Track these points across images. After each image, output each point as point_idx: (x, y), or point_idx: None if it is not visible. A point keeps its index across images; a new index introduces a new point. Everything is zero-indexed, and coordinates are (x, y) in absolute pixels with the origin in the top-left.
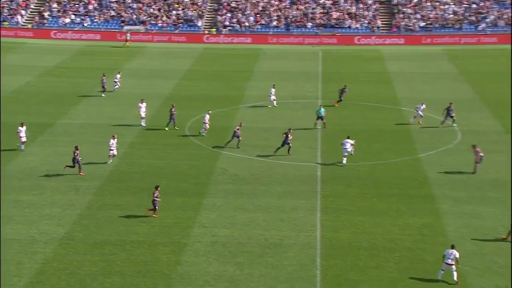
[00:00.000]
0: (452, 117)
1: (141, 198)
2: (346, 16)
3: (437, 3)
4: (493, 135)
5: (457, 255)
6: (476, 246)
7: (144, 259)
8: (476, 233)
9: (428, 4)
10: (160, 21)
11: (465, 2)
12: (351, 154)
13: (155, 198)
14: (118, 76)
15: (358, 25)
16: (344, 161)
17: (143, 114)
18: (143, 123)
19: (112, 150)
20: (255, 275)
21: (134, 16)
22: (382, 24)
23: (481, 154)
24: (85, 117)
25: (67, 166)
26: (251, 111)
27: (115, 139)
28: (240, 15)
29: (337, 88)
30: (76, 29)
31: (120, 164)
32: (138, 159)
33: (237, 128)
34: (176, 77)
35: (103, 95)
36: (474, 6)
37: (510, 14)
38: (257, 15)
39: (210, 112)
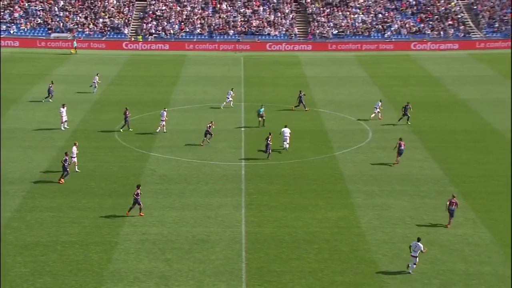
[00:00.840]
0: (407, 115)
1: (73, 200)
2: (266, 24)
3: (348, 13)
4: (400, 134)
5: (422, 248)
6: (386, 236)
7: (76, 259)
8: (386, 224)
9: (340, 13)
10: (87, 29)
11: (372, 12)
12: (286, 148)
13: (136, 196)
14: (97, 78)
15: (276, 33)
16: (286, 145)
17: (64, 119)
18: (63, 127)
19: (73, 157)
20: (183, 270)
21: (61, 24)
22: (298, 31)
23: (403, 148)
24: (15, 122)
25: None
26: (178, 114)
27: (76, 146)
28: (165, 23)
29: (258, 91)
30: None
31: (51, 167)
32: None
33: (208, 125)
34: (104, 83)
35: (50, 100)
36: (380, 15)
37: (411, 24)
38: (181, 23)
39: (166, 109)
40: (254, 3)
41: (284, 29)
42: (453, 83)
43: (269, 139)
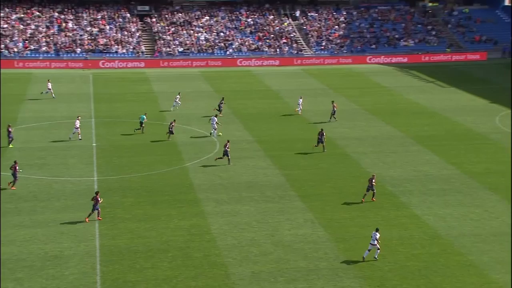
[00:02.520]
0: (334, 116)
1: None
2: (113, 42)
3: (192, 31)
4: (244, 144)
5: (378, 236)
6: (235, 240)
7: None
8: (235, 229)
9: (184, 32)
10: None
11: (215, 31)
12: (219, 135)
13: (97, 203)
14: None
15: (124, 50)
16: (214, 134)
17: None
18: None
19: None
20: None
21: None
22: (146, 49)
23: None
24: None
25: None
26: (25, 132)
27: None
28: (7, 41)
29: (108, 107)
30: None
31: None
32: None
33: (171, 123)
34: None
35: None
36: (222, 34)
37: (250, 41)
38: (26, 41)
39: (79, 117)
40: (100, 22)
41: (131, 47)
42: (290, 96)
43: (227, 146)
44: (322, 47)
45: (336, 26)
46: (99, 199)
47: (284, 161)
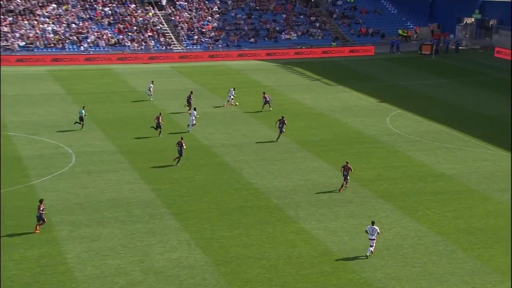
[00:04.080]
0: (270, 107)
1: None
2: None
3: (35, 22)
4: (106, 155)
5: (378, 230)
6: (97, 269)
7: None
8: (96, 256)
9: (26, 22)
10: None
11: (64, 22)
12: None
13: (41, 212)
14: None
15: None
16: (190, 130)
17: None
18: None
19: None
20: None
21: None
22: None
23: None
24: None
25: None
26: None
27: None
28: None
29: None
30: None
31: None
32: None
33: (158, 118)
34: None
35: None
36: (74, 26)
37: (109, 35)
38: None
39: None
40: None
41: None
42: (159, 98)
43: (183, 145)
44: (194, 41)
45: (209, 17)
46: (41, 208)
47: (153, 174)
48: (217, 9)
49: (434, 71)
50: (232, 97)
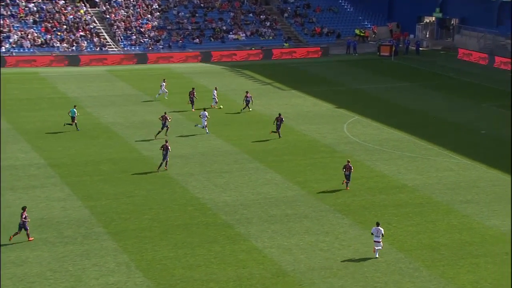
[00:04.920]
0: (248, 107)
1: None
2: None
3: None
4: (32, 169)
5: (382, 231)
6: None
7: None
8: (22, 284)
9: None
10: None
11: None
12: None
13: (24, 220)
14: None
15: None
16: (203, 125)
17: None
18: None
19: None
20: None
21: None
22: None
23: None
24: None
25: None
26: None
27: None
28: None
29: None
30: None
31: None
32: None
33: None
34: None
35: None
36: None
37: (34, 35)
38: None
39: None
40: None
41: None
42: (92, 105)
43: (168, 148)
44: (132, 42)
45: (149, 15)
46: (24, 216)
47: (88, 189)
48: (157, 7)
49: (394, 74)
50: (215, 99)
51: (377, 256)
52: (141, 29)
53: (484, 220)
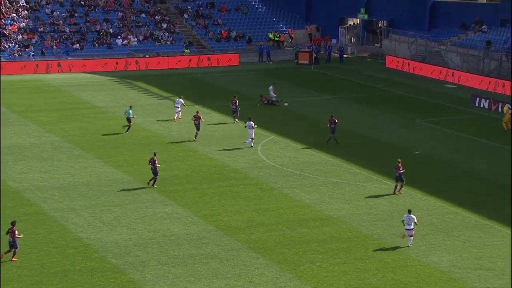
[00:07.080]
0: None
1: None
2: None
3: None
4: None
5: (415, 219)
6: None
7: None
8: None
9: None
10: None
11: None
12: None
13: (16, 236)
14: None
15: None
16: (253, 143)
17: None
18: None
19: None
20: None
21: None
22: None
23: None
24: None
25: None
26: None
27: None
28: None
29: None
30: None
31: None
32: None
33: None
34: None
35: None
36: None
37: None
38: None
39: None
40: None
41: None
42: None
43: (156, 161)
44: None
45: (14, 15)
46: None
47: None
48: (25, 4)
49: (314, 86)
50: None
51: (409, 244)
52: (5, 32)
53: (420, 256)
